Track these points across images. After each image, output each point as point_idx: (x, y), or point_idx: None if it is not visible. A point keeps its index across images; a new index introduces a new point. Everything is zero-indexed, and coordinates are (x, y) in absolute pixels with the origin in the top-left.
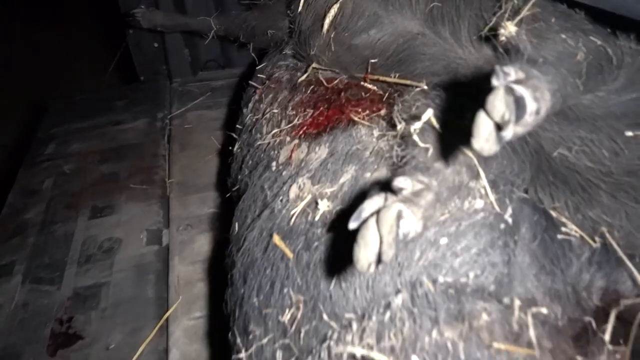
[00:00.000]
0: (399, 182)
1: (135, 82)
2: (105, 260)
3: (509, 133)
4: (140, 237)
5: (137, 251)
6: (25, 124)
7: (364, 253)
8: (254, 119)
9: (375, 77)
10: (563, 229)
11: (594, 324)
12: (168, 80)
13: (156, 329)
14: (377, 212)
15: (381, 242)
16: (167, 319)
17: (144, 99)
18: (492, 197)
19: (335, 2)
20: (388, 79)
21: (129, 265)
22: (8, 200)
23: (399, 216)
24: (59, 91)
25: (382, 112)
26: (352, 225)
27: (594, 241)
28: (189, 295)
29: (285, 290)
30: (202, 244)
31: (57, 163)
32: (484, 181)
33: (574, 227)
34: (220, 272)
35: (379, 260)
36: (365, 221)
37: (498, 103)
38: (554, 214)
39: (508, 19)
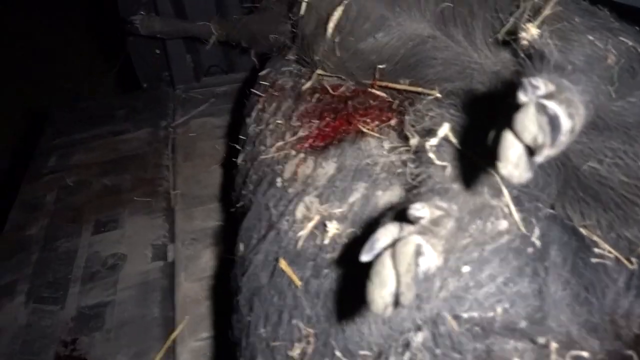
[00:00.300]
0: (415, 210)
1: (138, 89)
2: (109, 277)
3: (542, 157)
4: (145, 253)
5: (142, 268)
6: (26, 132)
7: (379, 293)
8: (257, 130)
9: (384, 83)
10: (596, 250)
11: (636, 359)
12: (171, 87)
13: (162, 351)
14: (393, 245)
15: (398, 282)
16: (173, 341)
17: (146, 107)
18: (517, 217)
19: (339, 5)
20: (397, 86)
21: (133, 282)
22: (10, 215)
23: (418, 251)
24: (59, 98)
25: (392, 121)
26: (365, 257)
27: (631, 263)
28: (195, 315)
29: (294, 321)
30: (209, 259)
31: (59, 176)
32: (507, 199)
33: (607, 247)
34: (227, 289)
35: (396, 301)
36: (379, 254)
37: (529, 123)
38: (584, 232)
39: (528, 20)
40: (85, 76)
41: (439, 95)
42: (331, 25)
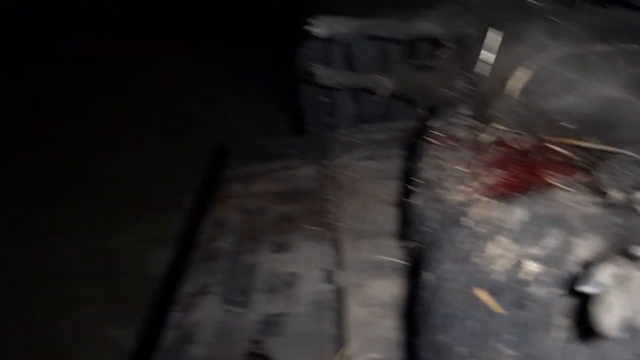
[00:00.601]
0: (637, 250)
1: (303, 130)
2: (286, 292)
3: None
4: (316, 275)
5: (314, 288)
6: (213, 162)
7: (608, 318)
8: (433, 174)
9: (571, 142)
10: None
11: None
12: (333, 130)
13: None
14: (616, 279)
15: (628, 311)
16: (345, 356)
17: (312, 147)
18: None
19: (525, 67)
20: (587, 144)
21: (307, 300)
22: (202, 229)
23: None
24: (241, 136)
25: (581, 177)
26: (584, 288)
27: None
28: (364, 336)
29: (495, 344)
30: (376, 288)
31: (241, 201)
32: None
33: None
34: (396, 318)
35: (623, 328)
36: (600, 287)
37: None
38: None
39: None
40: (263, 118)
41: (635, 155)
42: (514, 84)
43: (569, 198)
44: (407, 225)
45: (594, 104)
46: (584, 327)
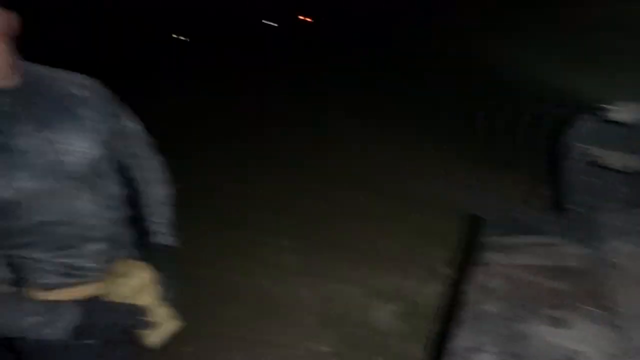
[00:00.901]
0: None
1: (562, 208)
2: None
3: None
4: (599, 357)
5: None
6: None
7: None
8: None
9: None
10: None
11: None
12: (598, 212)
13: None
14: None
15: None
16: None
17: (575, 226)
18: None
19: None
20: None
21: None
22: (465, 290)
23: None
24: (495, 208)
25: None
26: None
27: None
28: None
29: None
30: None
31: (503, 269)
32: None
33: None
34: None
35: None
36: None
37: None
38: None
39: None
40: (520, 193)
41: None
42: None
43: None
44: None
45: None
46: None
